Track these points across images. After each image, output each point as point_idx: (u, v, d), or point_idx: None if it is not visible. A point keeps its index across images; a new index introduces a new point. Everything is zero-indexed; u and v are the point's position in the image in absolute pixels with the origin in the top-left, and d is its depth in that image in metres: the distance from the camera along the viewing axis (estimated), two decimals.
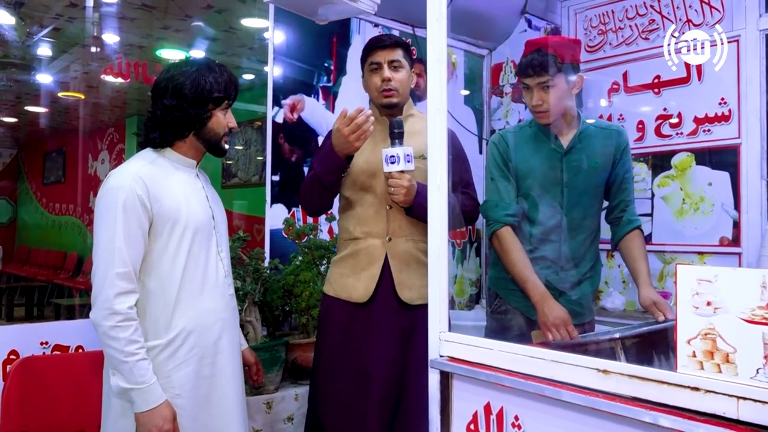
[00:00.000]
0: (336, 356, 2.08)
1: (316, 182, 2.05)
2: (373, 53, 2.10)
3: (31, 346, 2.19)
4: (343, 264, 2.10)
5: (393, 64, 2.08)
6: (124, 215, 1.59)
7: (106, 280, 1.57)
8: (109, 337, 1.56)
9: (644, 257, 2.14)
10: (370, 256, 2.05)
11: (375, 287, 2.03)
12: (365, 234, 2.07)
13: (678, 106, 3.24)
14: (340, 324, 2.08)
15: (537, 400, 1.31)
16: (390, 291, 2.04)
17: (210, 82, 1.71)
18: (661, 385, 1.12)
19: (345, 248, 2.11)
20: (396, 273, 2.04)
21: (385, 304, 2.04)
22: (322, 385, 2.10)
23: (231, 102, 1.79)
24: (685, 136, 3.22)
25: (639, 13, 3.41)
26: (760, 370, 1.01)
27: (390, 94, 2.08)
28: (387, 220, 2.05)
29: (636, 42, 3.42)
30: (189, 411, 1.65)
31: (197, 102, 1.70)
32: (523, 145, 2.16)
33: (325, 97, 3.08)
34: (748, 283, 1.03)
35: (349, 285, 2.07)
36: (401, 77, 2.09)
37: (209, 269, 1.74)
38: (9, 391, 1.96)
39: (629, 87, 3.44)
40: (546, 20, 3.72)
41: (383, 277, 2.04)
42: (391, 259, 2.04)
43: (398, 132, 1.94)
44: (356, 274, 2.06)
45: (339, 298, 2.09)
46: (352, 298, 2.06)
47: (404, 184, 1.94)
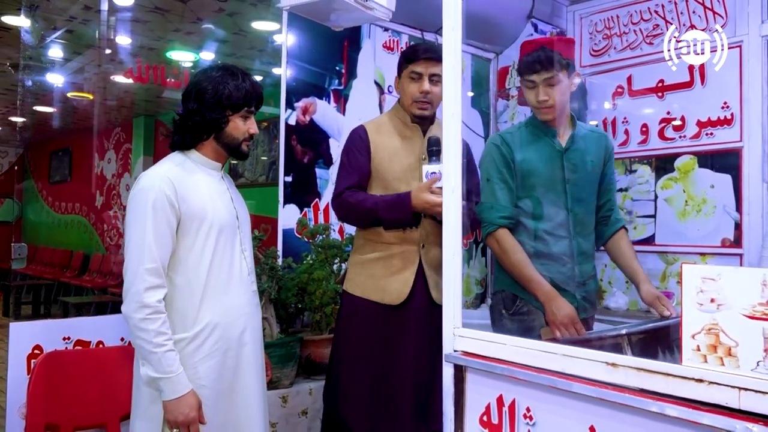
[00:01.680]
0: (365, 357, 2.11)
1: (372, 217, 2.07)
2: (418, 63, 2.12)
3: (55, 341, 2.26)
4: (373, 266, 2.14)
5: (433, 78, 2.11)
6: (153, 214, 1.68)
7: (136, 275, 1.65)
8: (139, 329, 1.64)
9: (636, 255, 2.23)
10: (405, 260, 2.11)
11: (410, 291, 2.09)
12: (400, 240, 2.12)
13: (681, 109, 3.30)
14: (369, 325, 2.12)
15: (548, 392, 1.38)
16: (423, 294, 2.10)
17: (230, 89, 1.78)
18: (667, 378, 1.19)
19: (374, 251, 2.14)
20: (430, 277, 2.11)
21: (419, 307, 2.09)
22: (348, 385, 2.13)
23: (252, 110, 1.85)
24: (688, 139, 3.28)
25: (644, 18, 3.48)
26: (761, 362, 1.08)
27: (425, 107, 2.13)
28: (422, 227, 2.11)
29: (640, 47, 3.49)
30: (213, 401, 1.73)
31: (215, 107, 1.78)
32: (525, 145, 2.18)
33: (336, 100, 3.15)
34: (749, 281, 1.10)
35: (380, 287, 2.11)
36: (439, 92, 2.09)
37: (234, 266, 1.82)
38: (35, 385, 2.03)
39: (633, 90, 3.50)
40: (552, 24, 3.79)
41: (416, 281, 2.10)
42: (425, 264, 2.11)
43: (436, 149, 1.98)
44: (388, 277, 2.11)
45: (368, 299, 2.12)
46: (384, 300, 2.10)
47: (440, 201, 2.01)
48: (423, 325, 2.08)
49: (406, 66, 2.15)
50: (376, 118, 2.32)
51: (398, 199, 2.05)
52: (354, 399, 2.11)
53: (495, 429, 1.50)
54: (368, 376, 2.10)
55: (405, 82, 2.15)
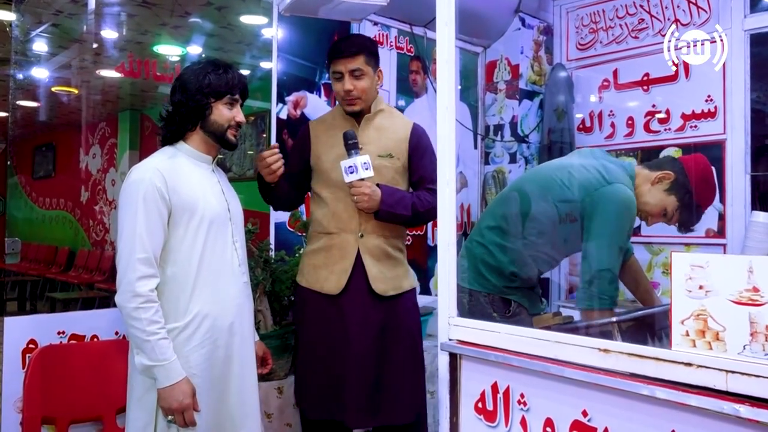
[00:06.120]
0: (313, 349, 2.14)
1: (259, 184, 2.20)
2: (334, 63, 2.13)
3: (49, 335, 2.26)
4: (316, 256, 2.16)
5: (354, 73, 2.11)
6: (144, 206, 1.70)
7: (129, 265, 1.68)
8: (132, 318, 1.67)
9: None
10: (343, 250, 2.12)
11: (347, 280, 2.10)
12: (339, 229, 2.13)
13: (666, 102, 3.36)
14: (315, 315, 2.14)
15: (542, 378, 1.42)
16: (362, 284, 2.10)
17: (211, 78, 1.83)
18: (657, 362, 1.23)
19: (318, 241, 2.17)
20: (369, 267, 2.11)
21: (357, 297, 2.10)
22: (303, 379, 2.17)
23: (236, 98, 1.88)
24: (672, 131, 3.34)
25: (629, 12, 3.53)
26: (747, 346, 1.12)
27: (354, 102, 2.14)
28: (359, 216, 2.12)
29: (626, 40, 3.54)
30: (205, 389, 1.76)
31: (197, 94, 1.82)
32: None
33: (327, 93, 3.16)
34: (736, 268, 1.14)
35: (322, 277, 2.13)
36: (363, 85, 2.12)
37: (225, 258, 1.84)
38: (31, 379, 2.04)
39: (619, 84, 3.56)
40: (539, 18, 3.83)
41: (355, 270, 2.10)
42: (363, 254, 2.11)
43: (352, 143, 2.02)
44: (329, 266, 2.12)
45: (312, 289, 2.15)
46: (324, 290, 2.11)
47: (365, 191, 2.02)
48: (367, 316, 2.09)
49: (329, 67, 2.18)
50: (326, 113, 2.37)
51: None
52: (308, 391, 2.14)
53: (490, 415, 1.54)
54: (318, 368, 2.12)
55: (333, 83, 2.18)
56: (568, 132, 3.66)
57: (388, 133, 2.19)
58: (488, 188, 3.88)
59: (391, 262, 2.16)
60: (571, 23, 3.81)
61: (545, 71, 3.84)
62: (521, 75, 3.75)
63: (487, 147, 3.92)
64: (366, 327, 2.09)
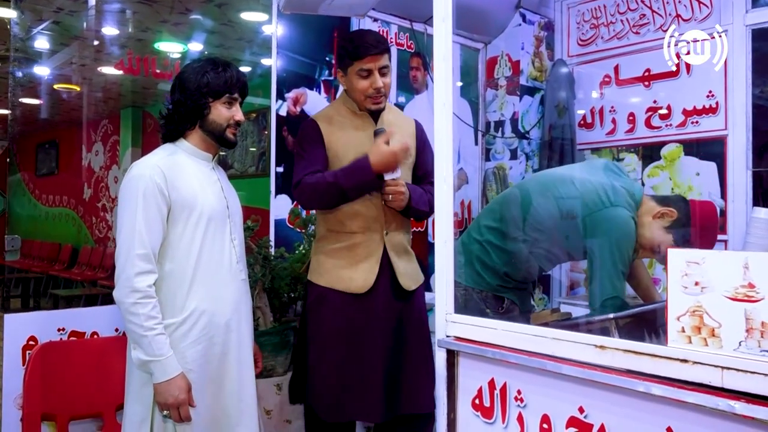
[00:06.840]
0: (334, 347, 2.09)
1: (334, 191, 2.03)
2: (364, 60, 2.05)
3: (49, 332, 2.27)
4: (338, 255, 2.13)
5: (383, 70, 2.07)
6: (144, 202, 1.71)
7: (127, 260, 1.69)
8: (130, 313, 1.68)
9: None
10: (369, 248, 2.10)
11: (375, 279, 2.09)
12: (363, 228, 2.10)
13: (667, 98, 3.34)
14: (338, 314, 2.10)
15: (538, 375, 1.42)
16: (388, 281, 2.10)
17: (209, 77, 1.82)
18: (653, 358, 1.23)
19: (338, 241, 2.13)
20: (396, 263, 2.11)
21: (383, 294, 2.09)
22: (317, 376, 2.10)
23: (235, 97, 1.88)
24: (674, 127, 3.32)
25: (630, 8, 3.51)
26: (742, 342, 1.12)
27: (380, 100, 2.10)
28: (384, 214, 2.10)
29: (627, 36, 3.52)
30: (201, 385, 1.77)
31: (196, 93, 1.82)
32: None
33: (327, 90, 3.16)
34: (732, 264, 1.14)
35: (346, 276, 2.10)
36: (388, 82, 2.10)
37: (223, 255, 1.85)
38: (31, 375, 2.05)
39: (620, 80, 3.54)
40: (540, 14, 3.82)
41: (382, 268, 2.09)
42: (389, 251, 2.11)
43: (385, 142, 2.00)
44: (353, 266, 2.10)
45: (334, 288, 2.11)
46: (351, 289, 2.09)
47: (402, 190, 2.02)
48: (390, 311, 2.10)
49: (351, 63, 2.09)
50: (325, 110, 2.28)
51: (356, 163, 2.02)
52: (324, 389, 2.09)
53: (487, 412, 1.54)
54: (337, 365, 2.08)
55: (353, 79, 2.09)
56: (569, 128, 3.64)
57: (401, 130, 2.18)
58: (489, 185, 3.87)
59: (408, 256, 2.19)
60: (572, 19, 3.80)
61: (546, 67, 3.83)
62: (522, 71, 3.73)
63: (487, 143, 3.91)
64: (389, 322, 2.09)
